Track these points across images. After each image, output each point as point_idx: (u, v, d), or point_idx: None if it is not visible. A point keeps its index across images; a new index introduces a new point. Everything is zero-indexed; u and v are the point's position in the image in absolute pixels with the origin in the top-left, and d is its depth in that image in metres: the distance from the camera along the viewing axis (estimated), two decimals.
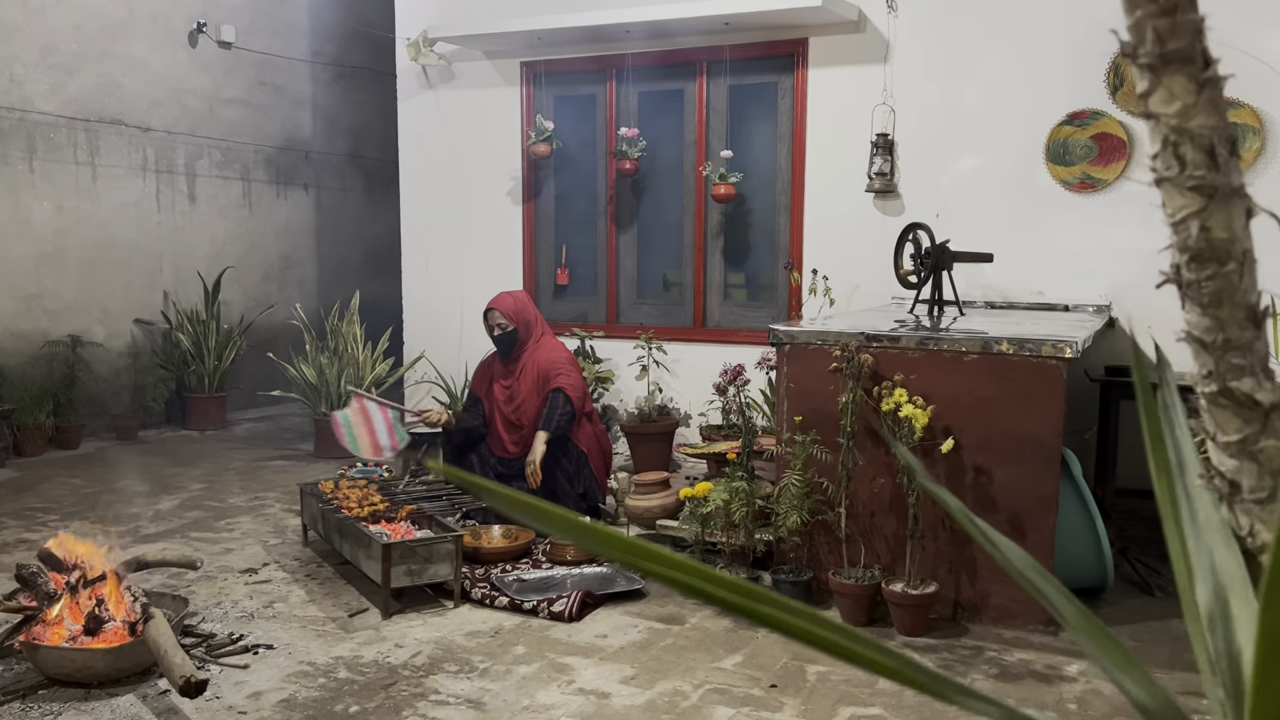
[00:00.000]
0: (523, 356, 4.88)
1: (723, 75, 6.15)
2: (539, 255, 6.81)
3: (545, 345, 4.93)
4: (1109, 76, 5.17)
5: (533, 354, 4.86)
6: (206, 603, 3.77)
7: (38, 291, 6.84)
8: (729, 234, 6.28)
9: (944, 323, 4.34)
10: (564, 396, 4.67)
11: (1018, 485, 3.56)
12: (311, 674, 3.17)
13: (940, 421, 3.58)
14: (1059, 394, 3.52)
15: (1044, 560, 3.55)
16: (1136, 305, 5.21)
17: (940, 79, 5.54)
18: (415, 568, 3.69)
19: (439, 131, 6.96)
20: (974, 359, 3.61)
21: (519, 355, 4.89)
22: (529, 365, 4.84)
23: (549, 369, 4.79)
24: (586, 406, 4.88)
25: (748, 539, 3.80)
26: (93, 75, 7.14)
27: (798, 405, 3.84)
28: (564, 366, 4.81)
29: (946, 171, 5.58)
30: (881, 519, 3.76)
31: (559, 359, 4.85)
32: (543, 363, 4.82)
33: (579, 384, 4.83)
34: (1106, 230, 5.27)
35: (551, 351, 4.89)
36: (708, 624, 3.62)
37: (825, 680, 3.15)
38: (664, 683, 3.13)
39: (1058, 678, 3.20)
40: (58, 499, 5.40)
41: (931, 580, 3.60)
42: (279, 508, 5.24)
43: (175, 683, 2.74)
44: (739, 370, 4.07)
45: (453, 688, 3.08)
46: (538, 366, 4.82)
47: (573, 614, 3.64)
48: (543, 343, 4.94)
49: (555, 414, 4.66)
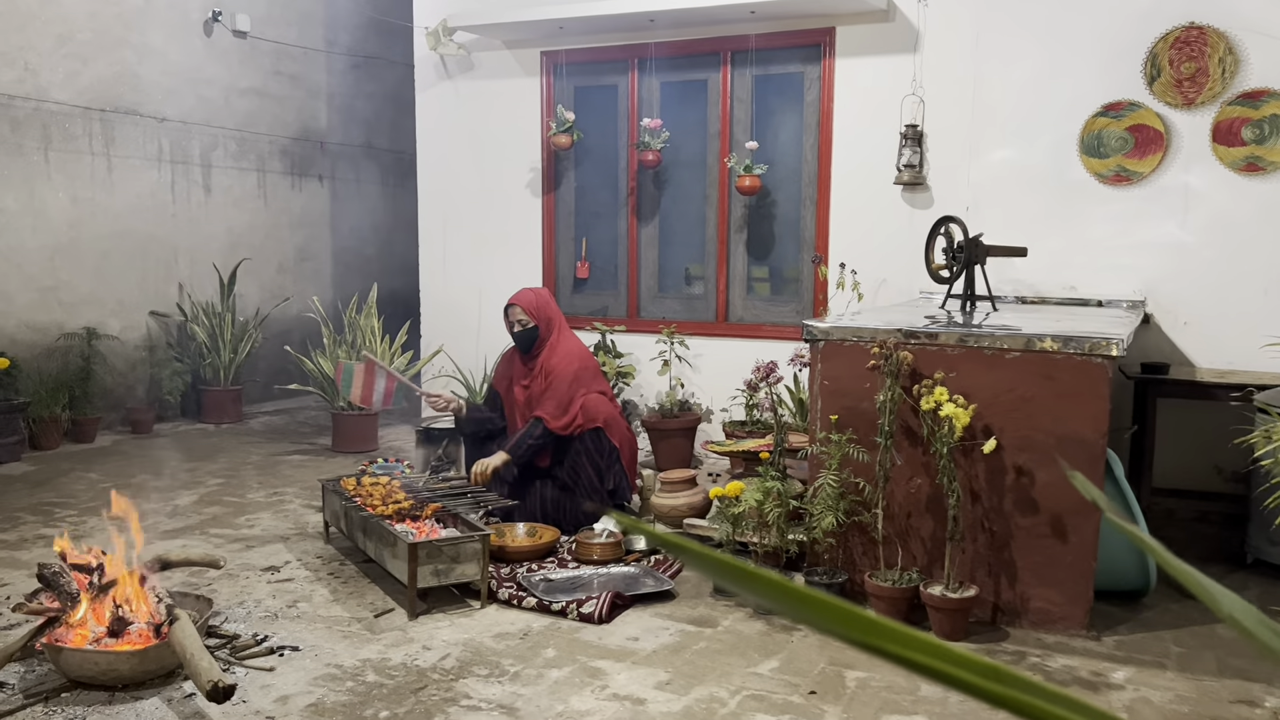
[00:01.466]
0: (542, 354, 4.78)
1: (748, 65, 6.04)
2: (559, 248, 6.72)
3: (563, 344, 4.80)
4: (1146, 67, 5.06)
5: (551, 353, 4.76)
6: (229, 602, 3.70)
7: (53, 284, 6.78)
8: (752, 227, 6.18)
9: (976, 318, 4.24)
10: (542, 428, 4.54)
11: (1060, 486, 3.47)
12: (339, 677, 3.10)
13: (979, 421, 3.49)
14: (1104, 393, 3.42)
15: (1086, 564, 3.47)
16: (1171, 301, 5.11)
17: (971, 69, 5.44)
18: (442, 567, 3.62)
19: (457, 122, 6.87)
20: (1016, 356, 3.51)
21: (538, 352, 4.79)
22: (546, 364, 4.74)
23: (552, 381, 4.64)
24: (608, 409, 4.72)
25: (781, 540, 3.71)
26: (108, 64, 7.07)
27: (832, 403, 3.75)
28: (564, 385, 4.60)
29: (977, 164, 5.47)
30: (918, 520, 3.67)
31: (565, 373, 4.63)
32: (552, 371, 4.69)
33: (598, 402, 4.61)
34: (1141, 224, 5.16)
35: (565, 359, 4.70)
36: (740, 627, 3.54)
37: (865, 686, 3.07)
38: (700, 688, 3.05)
39: (1104, 685, 3.11)
40: (75, 494, 5.34)
41: (970, 583, 3.52)
42: (298, 503, 5.18)
43: (202, 687, 2.67)
44: (772, 367, 3.98)
45: (484, 692, 3.01)
46: (549, 371, 4.71)
47: (603, 615, 3.57)
48: (561, 341, 4.81)
49: (526, 440, 4.51)
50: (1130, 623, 3.61)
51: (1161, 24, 5.02)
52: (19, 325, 6.58)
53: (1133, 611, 3.71)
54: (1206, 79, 4.94)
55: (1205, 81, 4.94)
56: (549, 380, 4.68)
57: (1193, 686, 3.10)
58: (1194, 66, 4.95)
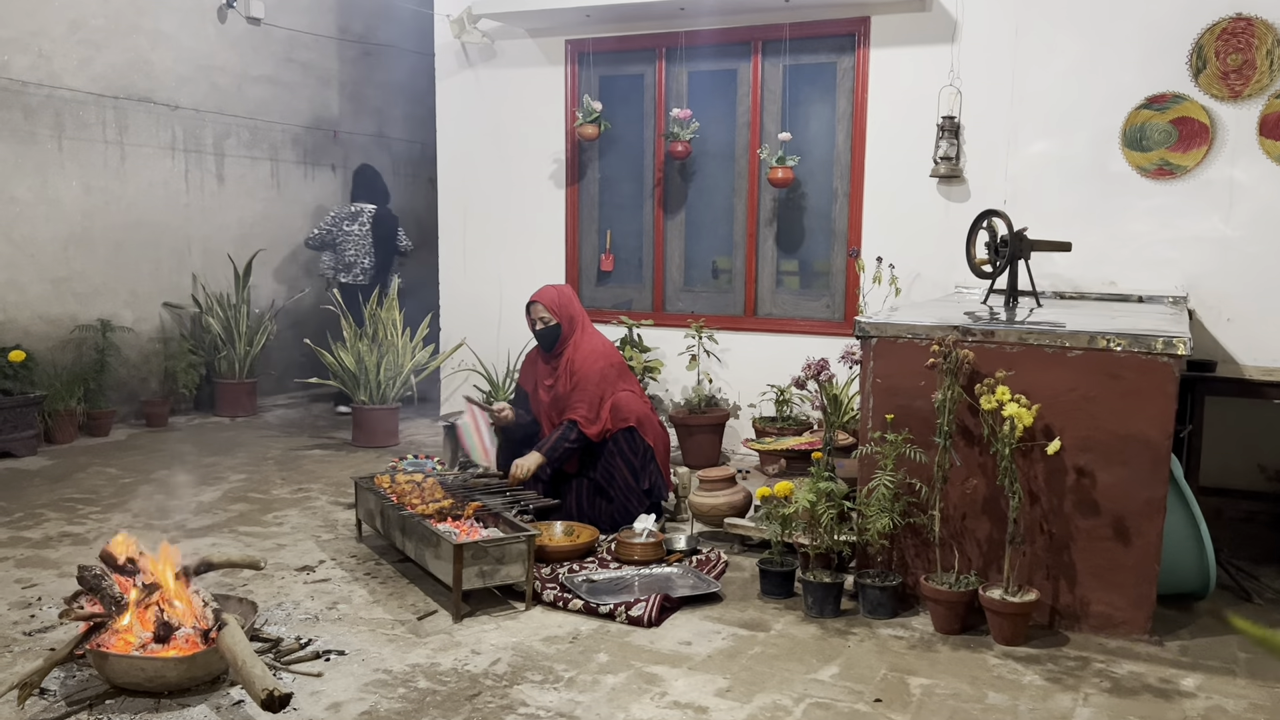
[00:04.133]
0: (565, 352, 4.67)
1: (779, 55, 5.94)
2: (582, 240, 6.61)
3: (587, 342, 4.68)
4: (1191, 58, 4.97)
5: (574, 351, 4.65)
6: (267, 603, 3.61)
7: (66, 274, 6.66)
8: (782, 219, 6.08)
9: (1020, 314, 4.15)
10: (577, 431, 4.44)
11: (1122, 488, 3.39)
12: (390, 683, 3.01)
13: (1040, 421, 3.40)
14: (1170, 392, 3.34)
15: (1149, 567, 3.39)
16: (1215, 297, 5.03)
17: (1011, 59, 5.34)
18: (487, 569, 3.53)
19: (478, 112, 6.75)
20: (1078, 355, 3.42)
21: (561, 350, 4.68)
22: (570, 363, 4.63)
23: (579, 381, 4.54)
24: (639, 408, 4.62)
25: (833, 542, 3.63)
26: (121, 50, 6.93)
27: (885, 402, 3.66)
28: (592, 385, 4.51)
29: (1015, 156, 5.38)
30: (974, 521, 3.59)
31: (591, 373, 4.54)
32: (576, 371, 4.59)
33: (629, 400, 4.52)
34: (1183, 219, 5.08)
35: (590, 357, 4.60)
36: (794, 631, 3.46)
37: (931, 694, 2.99)
38: (762, 696, 2.97)
39: (1175, 693, 3.03)
40: (95, 489, 5.23)
41: (1030, 587, 3.43)
42: (325, 500, 5.08)
43: (257, 696, 2.58)
44: (823, 364, 3.89)
45: (540, 699, 2.92)
46: (573, 371, 4.60)
47: (652, 618, 3.48)
48: (585, 339, 4.70)
49: (562, 443, 4.42)
50: (1191, 627, 3.54)
51: (1208, 15, 4.92)
52: (32, 317, 6.45)
53: (1191, 615, 3.64)
54: (1254, 71, 4.85)
55: (1252, 74, 4.85)
56: (574, 380, 4.57)
57: (1266, 694, 3.03)
58: (1241, 58, 4.86)
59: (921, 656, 3.26)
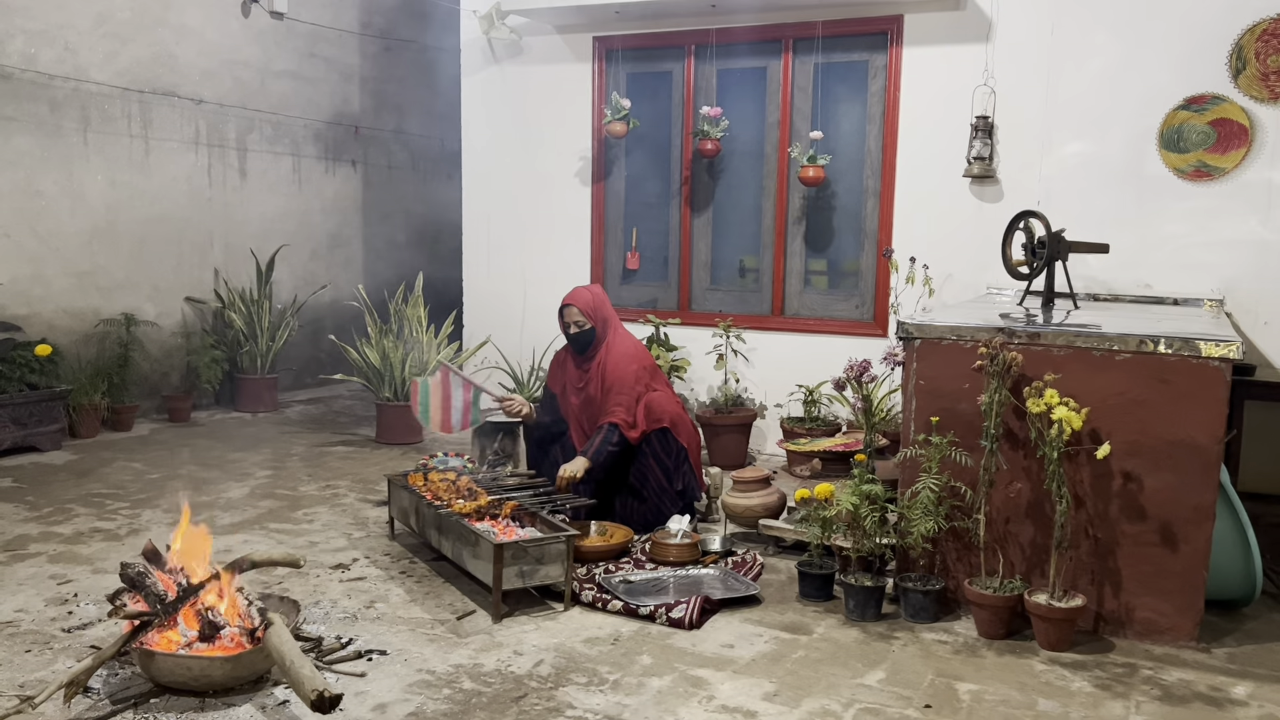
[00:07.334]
0: (598, 355, 4.62)
1: (810, 53, 5.89)
2: (608, 238, 6.58)
3: (619, 344, 4.63)
4: (1231, 59, 4.92)
5: (606, 354, 4.60)
6: (304, 601, 3.58)
7: (90, 268, 6.64)
8: (811, 218, 6.04)
9: (1058, 317, 4.12)
10: (619, 434, 4.39)
11: (1171, 493, 3.35)
12: (434, 684, 2.99)
13: (1087, 425, 3.36)
14: (1221, 397, 3.30)
15: (1197, 573, 3.35)
16: (1252, 300, 4.98)
17: (1046, 59, 5.29)
18: (527, 569, 3.50)
19: (504, 108, 6.72)
20: (1127, 358, 3.38)
21: (594, 354, 4.63)
22: (603, 366, 4.58)
23: (613, 384, 4.49)
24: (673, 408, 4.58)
25: (875, 545, 3.59)
26: (146, 44, 6.91)
27: (928, 404, 3.63)
28: (627, 387, 4.46)
29: (1050, 157, 5.33)
30: (1017, 526, 3.55)
31: (625, 375, 4.48)
32: (609, 374, 4.56)
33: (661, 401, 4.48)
34: (1221, 221, 5.03)
35: (623, 359, 4.54)
36: (835, 634, 3.43)
37: (980, 700, 2.96)
38: (810, 701, 2.93)
39: (1227, 701, 3.00)
40: (122, 484, 5.22)
41: (1076, 592, 3.40)
42: (354, 497, 5.06)
43: (306, 696, 2.55)
44: (865, 365, 3.86)
45: (587, 702, 2.89)
46: (605, 374, 4.56)
47: (693, 621, 3.45)
48: (617, 341, 4.65)
49: (606, 447, 4.36)
50: (1237, 634, 3.50)
51: (1248, 15, 4.87)
52: (57, 311, 6.44)
53: (1236, 622, 3.60)
54: None
55: None
56: (607, 383, 4.52)
57: None
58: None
59: (967, 662, 3.23)
